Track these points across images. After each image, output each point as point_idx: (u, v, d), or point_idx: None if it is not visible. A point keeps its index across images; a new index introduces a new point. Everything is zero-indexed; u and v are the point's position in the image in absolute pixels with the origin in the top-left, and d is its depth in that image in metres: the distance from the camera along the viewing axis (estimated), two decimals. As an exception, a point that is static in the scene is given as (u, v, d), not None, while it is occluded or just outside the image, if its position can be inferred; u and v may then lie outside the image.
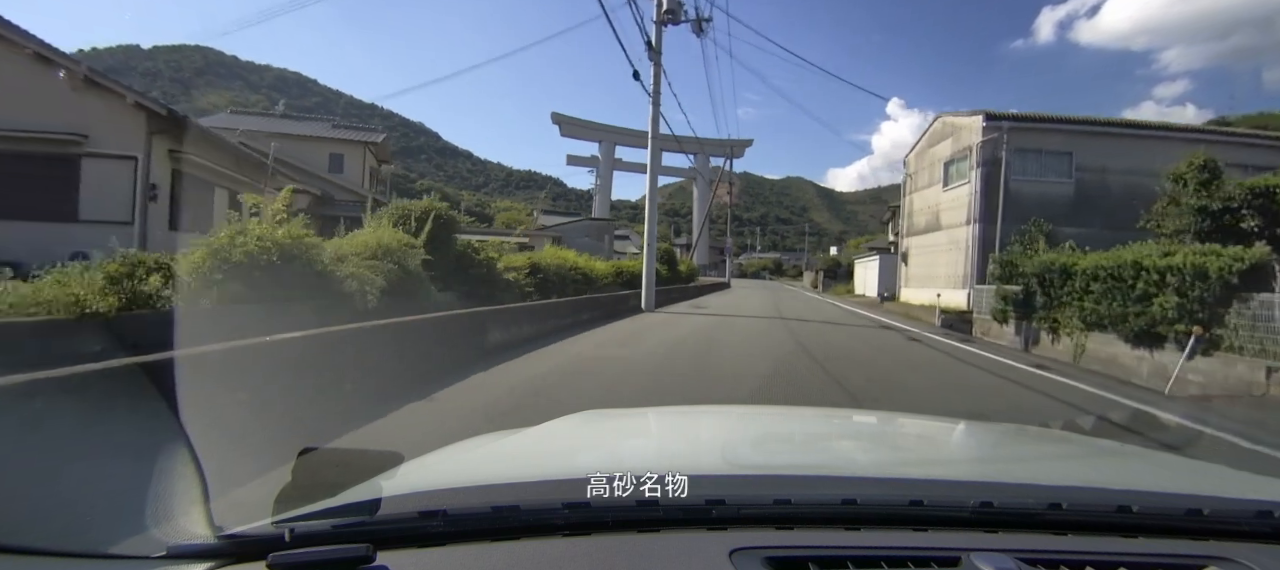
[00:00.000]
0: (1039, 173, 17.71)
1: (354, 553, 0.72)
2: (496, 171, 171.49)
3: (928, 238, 20.61)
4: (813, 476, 1.09)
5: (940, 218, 19.78)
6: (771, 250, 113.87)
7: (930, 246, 20.39)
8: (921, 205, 21.39)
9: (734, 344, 9.84)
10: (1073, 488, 1.02)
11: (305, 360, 4.04)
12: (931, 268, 20.14)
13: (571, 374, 6.61)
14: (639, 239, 37.23)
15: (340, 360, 4.48)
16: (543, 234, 33.82)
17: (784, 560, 0.79)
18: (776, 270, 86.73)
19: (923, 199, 21.25)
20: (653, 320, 13.51)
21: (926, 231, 20.73)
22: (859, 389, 6.20)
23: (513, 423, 2.20)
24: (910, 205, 22.38)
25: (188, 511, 0.92)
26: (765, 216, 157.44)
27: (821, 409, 3.89)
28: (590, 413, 1.87)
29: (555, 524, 0.84)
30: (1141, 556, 0.84)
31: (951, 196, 19.15)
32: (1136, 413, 5.74)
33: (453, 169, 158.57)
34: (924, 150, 21.54)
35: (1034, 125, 17.84)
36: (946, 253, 19.25)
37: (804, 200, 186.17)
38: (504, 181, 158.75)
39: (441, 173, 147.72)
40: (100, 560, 0.82)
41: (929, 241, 20.48)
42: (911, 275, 21.75)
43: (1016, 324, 12.06)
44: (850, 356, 8.80)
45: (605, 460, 1.31)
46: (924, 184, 21.25)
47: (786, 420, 2.07)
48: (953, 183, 19.19)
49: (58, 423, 2.20)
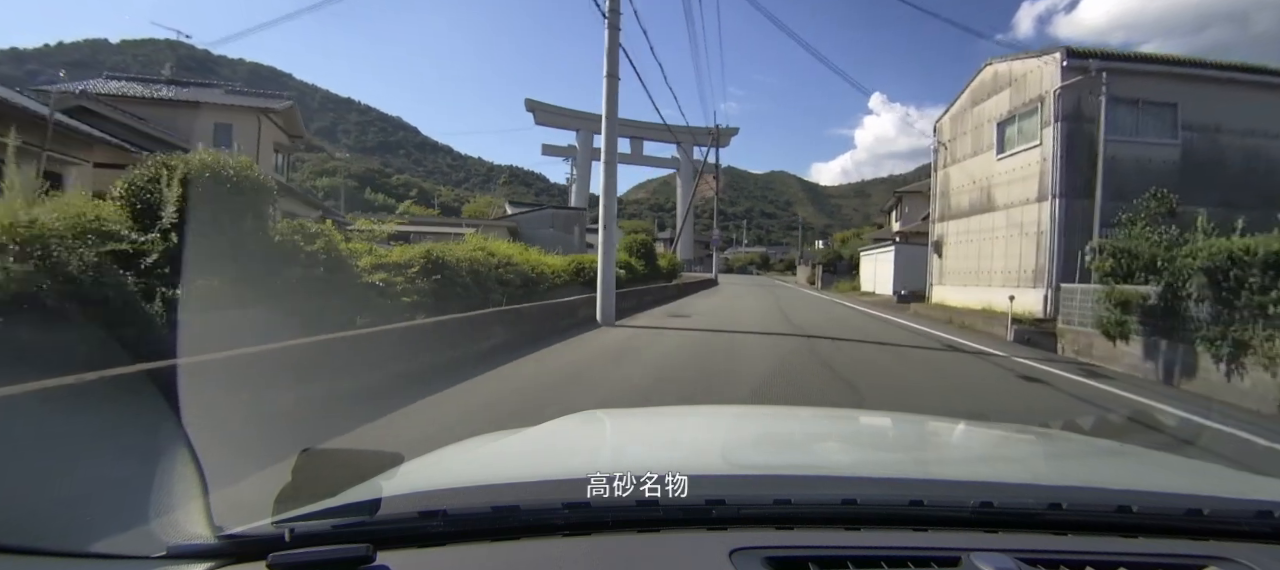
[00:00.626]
0: (1135, 130, 12.86)
1: (354, 553, 0.71)
2: (477, 166, 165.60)
3: (974, 221, 15.71)
4: (813, 476, 1.09)
5: (993, 194, 14.89)
6: (757, 245, 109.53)
7: (978, 233, 15.51)
8: (962, 181, 16.49)
9: (743, 393, 4.79)
10: (1073, 488, 1.01)
11: None
12: (981, 260, 15.25)
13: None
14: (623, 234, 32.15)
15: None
16: (498, 224, 28.50)
17: (784, 560, 0.78)
18: (763, 265, 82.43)
19: (964, 173, 16.35)
20: (600, 345, 8.40)
21: (971, 213, 15.84)
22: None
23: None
24: (944, 182, 17.48)
25: (187, 511, 0.91)
26: (750, 211, 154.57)
27: (822, 409, 3.79)
28: (590, 413, 1.83)
29: (555, 524, 0.82)
30: (1141, 556, 0.83)
31: (1011, 166, 14.26)
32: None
33: (432, 164, 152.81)
34: (964, 111, 16.63)
35: (1129, 66, 12.96)
36: (1004, 240, 14.37)
37: (788, 194, 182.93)
38: (485, 177, 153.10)
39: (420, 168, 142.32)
40: (100, 560, 0.81)
41: (976, 226, 15.58)
42: (948, 270, 16.87)
43: (1145, 343, 7.99)
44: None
45: (605, 460, 1.30)
46: (965, 153, 16.36)
47: (786, 420, 2.04)
48: (1013, 148, 14.29)
49: (58, 425, 2.21)
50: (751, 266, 78.98)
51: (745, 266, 77.74)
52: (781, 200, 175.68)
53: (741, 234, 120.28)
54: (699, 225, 66.72)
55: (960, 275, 16.23)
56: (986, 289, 14.83)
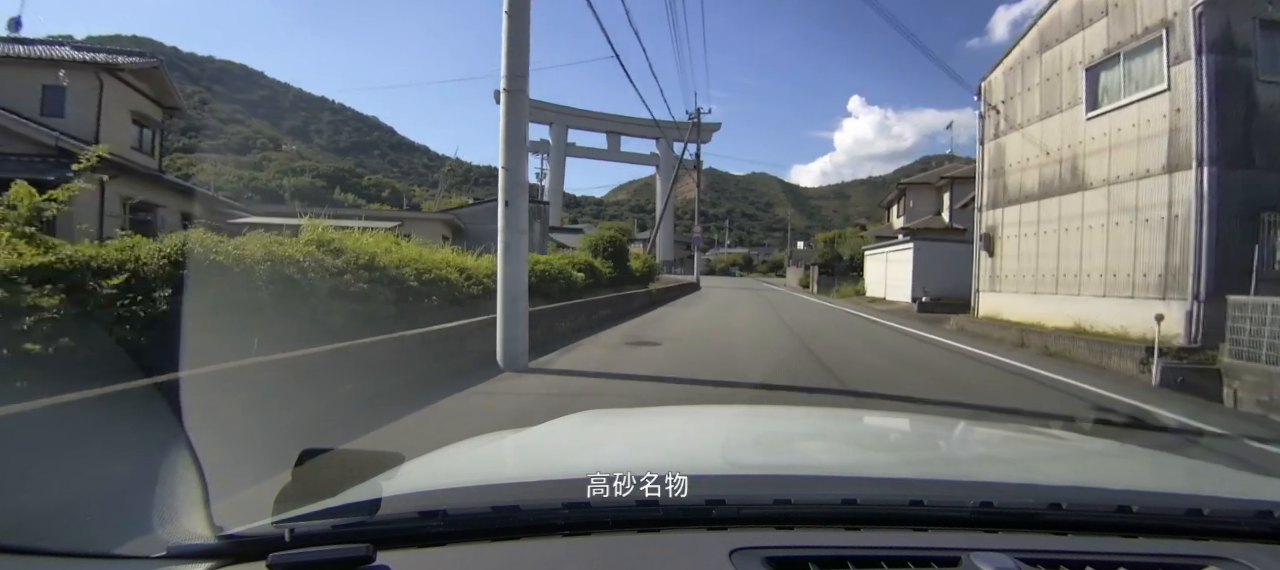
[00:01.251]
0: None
1: (354, 553, 0.70)
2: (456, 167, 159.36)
3: (1049, 206, 11.37)
4: (813, 476, 1.07)
5: (1083, 167, 10.55)
6: (739, 245, 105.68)
7: (1054, 221, 11.17)
8: (1027, 153, 12.15)
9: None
10: (1073, 488, 1.00)
11: None
12: (1063, 259, 10.91)
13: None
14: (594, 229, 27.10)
15: None
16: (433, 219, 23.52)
17: (784, 560, 0.76)
18: (747, 266, 78.43)
19: (1029, 142, 12.02)
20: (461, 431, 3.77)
21: (1044, 196, 11.50)
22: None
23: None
24: (996, 157, 13.13)
25: (188, 512, 0.87)
26: (731, 212, 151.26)
27: (822, 409, 3.72)
28: (590, 413, 1.78)
29: (555, 524, 0.81)
30: (1141, 556, 0.81)
31: (1114, 126, 9.93)
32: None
33: (408, 164, 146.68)
34: (1026, 61, 12.29)
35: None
36: (1102, 230, 10.05)
37: (769, 196, 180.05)
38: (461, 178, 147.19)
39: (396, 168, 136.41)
40: (100, 560, 0.80)
41: (1053, 213, 11.24)
42: (1006, 272, 12.53)
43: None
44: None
45: (605, 460, 1.25)
46: (1031, 115, 12.02)
47: (787, 420, 1.99)
48: (1116, 100, 9.95)
49: (58, 427, 2.11)
50: (734, 268, 74.89)
51: (728, 268, 73.57)
52: (762, 202, 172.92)
53: (724, 235, 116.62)
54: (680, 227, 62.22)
55: (1025, 279, 11.87)
56: (1072, 298, 10.48)
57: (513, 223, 5.96)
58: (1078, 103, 10.72)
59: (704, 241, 57.75)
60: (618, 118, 62.42)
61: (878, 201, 54.30)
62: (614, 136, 62.80)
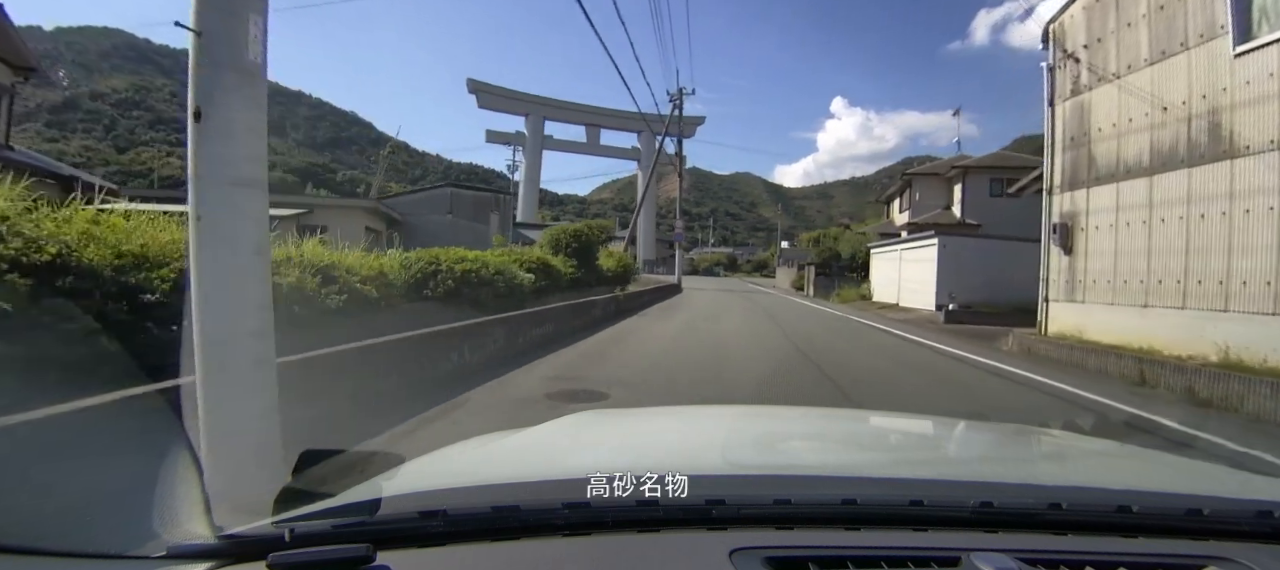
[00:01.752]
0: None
1: (354, 553, 0.69)
2: (435, 164, 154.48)
3: (1165, 183, 7.99)
4: (813, 476, 1.05)
5: (1228, 125, 7.17)
6: (722, 245, 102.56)
7: (1176, 204, 7.79)
8: (1126, 111, 8.77)
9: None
10: (1073, 488, 0.99)
11: None
12: (1193, 257, 7.51)
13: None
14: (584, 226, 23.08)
15: None
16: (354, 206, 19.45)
17: (784, 560, 0.75)
18: (731, 266, 75.16)
19: (1131, 96, 8.63)
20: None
21: (1157, 170, 8.12)
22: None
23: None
24: (1077, 119, 9.72)
25: (188, 512, 0.87)
26: (715, 211, 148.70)
27: (822, 409, 3.66)
28: (590, 413, 1.77)
29: (555, 524, 0.79)
30: (1141, 556, 0.79)
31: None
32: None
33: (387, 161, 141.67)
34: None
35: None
36: (1264, 217, 6.69)
37: (752, 196, 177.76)
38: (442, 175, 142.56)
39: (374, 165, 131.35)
40: (100, 560, 0.78)
41: (1177, 191, 7.86)
42: (1093, 276, 9.14)
43: None
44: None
45: (605, 460, 1.19)
46: (1132, 60, 8.63)
47: (787, 420, 1.94)
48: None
49: (58, 428, 2.03)
50: (718, 267, 71.54)
51: (712, 267, 70.19)
52: (746, 201, 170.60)
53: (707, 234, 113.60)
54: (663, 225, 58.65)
55: (1127, 286, 8.50)
56: (1213, 315, 7.13)
57: (221, 160, 2.27)
58: (1216, 33, 7.35)
59: (687, 240, 54.31)
60: (597, 109, 58.78)
61: (862, 201, 51.51)
62: (593, 129, 59.12)
